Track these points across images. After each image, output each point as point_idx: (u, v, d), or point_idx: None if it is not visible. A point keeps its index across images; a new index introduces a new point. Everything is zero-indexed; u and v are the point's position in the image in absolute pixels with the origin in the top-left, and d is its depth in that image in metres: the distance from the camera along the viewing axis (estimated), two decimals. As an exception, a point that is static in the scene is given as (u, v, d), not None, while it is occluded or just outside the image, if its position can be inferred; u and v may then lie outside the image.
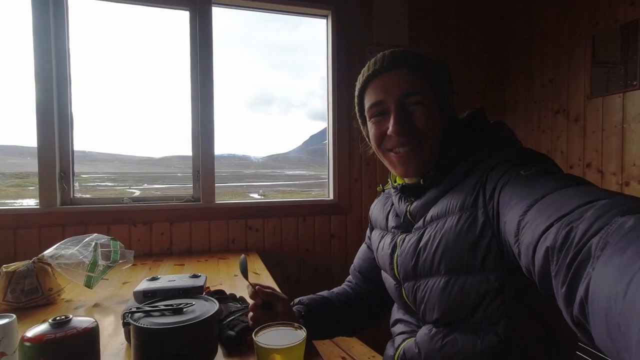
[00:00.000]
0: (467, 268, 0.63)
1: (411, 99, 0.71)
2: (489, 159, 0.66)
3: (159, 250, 1.80)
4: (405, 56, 0.73)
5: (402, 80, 0.71)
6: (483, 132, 0.72)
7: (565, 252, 0.37)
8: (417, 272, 0.71)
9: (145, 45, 1.95)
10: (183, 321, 0.66)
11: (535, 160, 0.62)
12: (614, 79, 1.74)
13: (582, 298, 0.33)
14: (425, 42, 2.20)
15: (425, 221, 0.72)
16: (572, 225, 0.38)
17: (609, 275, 0.30)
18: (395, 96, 0.71)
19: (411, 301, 0.75)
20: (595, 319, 0.31)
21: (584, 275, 0.33)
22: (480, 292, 0.62)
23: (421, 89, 0.71)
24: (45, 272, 1.08)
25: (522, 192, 0.52)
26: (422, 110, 0.71)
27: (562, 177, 0.51)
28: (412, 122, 0.71)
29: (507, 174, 0.59)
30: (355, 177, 2.11)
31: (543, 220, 0.43)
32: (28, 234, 1.65)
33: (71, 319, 0.60)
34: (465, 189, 0.66)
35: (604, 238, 0.33)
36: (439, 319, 0.68)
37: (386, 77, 0.73)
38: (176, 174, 2.16)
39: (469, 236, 0.62)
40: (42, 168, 1.67)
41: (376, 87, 0.74)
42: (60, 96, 1.72)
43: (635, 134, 1.66)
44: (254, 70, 2.22)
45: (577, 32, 1.91)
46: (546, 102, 2.10)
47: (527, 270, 0.47)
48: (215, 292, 1.01)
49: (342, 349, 1.41)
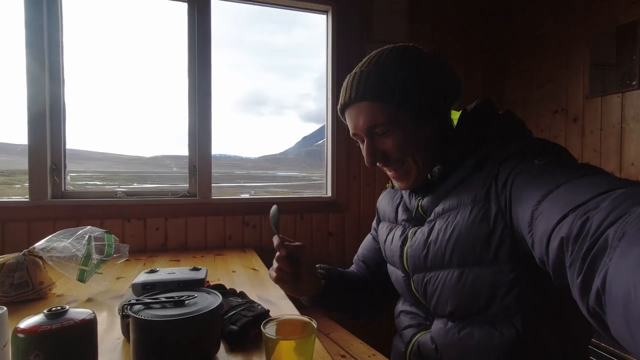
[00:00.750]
0: (481, 260, 0.62)
1: (377, 130, 0.70)
2: (500, 151, 0.65)
3: (153, 245, 1.76)
4: (366, 85, 0.69)
5: (365, 114, 0.70)
6: (491, 123, 0.71)
7: (581, 243, 0.36)
8: (427, 264, 0.70)
9: (141, 40, 1.90)
10: (186, 313, 0.63)
11: (549, 149, 0.61)
12: (612, 79, 1.75)
13: (598, 289, 0.32)
14: (425, 40, 2.19)
15: (436, 213, 0.71)
16: (588, 216, 0.37)
17: (627, 265, 0.29)
18: (362, 129, 0.71)
19: (421, 294, 0.73)
20: (612, 310, 0.30)
21: (600, 265, 0.33)
22: (494, 284, 0.61)
23: (385, 117, 0.68)
24: (36, 265, 1.04)
25: (536, 182, 0.51)
26: (390, 137, 0.70)
27: (577, 167, 0.50)
28: (384, 150, 0.72)
29: (519, 165, 0.58)
30: (353, 174, 2.09)
31: (558, 210, 0.42)
32: (17, 227, 1.59)
33: (67, 310, 0.56)
34: (477, 182, 0.65)
35: (621, 228, 0.32)
36: (453, 312, 0.66)
37: (353, 111, 0.72)
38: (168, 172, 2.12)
39: (481, 228, 0.61)
40: (33, 160, 1.62)
41: (349, 118, 0.74)
42: (52, 92, 1.67)
43: (633, 133, 1.67)
44: (247, 71, 2.19)
45: (576, 33, 1.91)
46: (545, 102, 2.11)
47: (540, 261, 0.46)
48: (215, 286, 0.97)
49: (342, 347, 1.39)
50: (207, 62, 1.86)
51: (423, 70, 0.70)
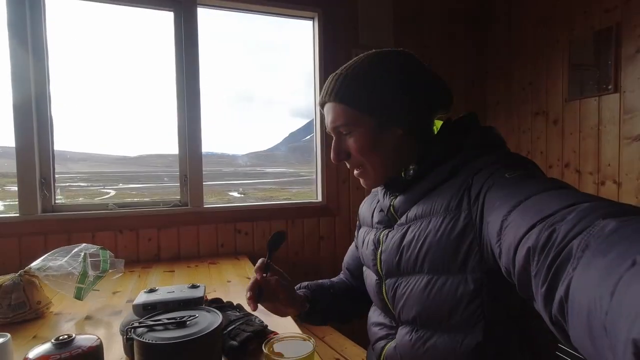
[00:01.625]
0: (448, 269, 0.64)
1: (343, 129, 0.75)
2: (475, 161, 0.67)
3: (146, 256, 1.77)
4: (336, 87, 0.74)
5: (332, 113, 0.76)
6: (470, 133, 0.73)
7: (547, 253, 0.38)
8: (400, 269, 0.72)
9: (126, 44, 1.90)
10: (188, 335, 0.66)
11: (520, 164, 0.64)
12: (590, 82, 1.82)
13: (561, 297, 0.34)
14: (410, 45, 2.23)
15: (409, 218, 0.73)
16: (554, 227, 0.39)
17: (591, 276, 0.31)
18: (330, 128, 0.78)
19: (390, 298, 0.75)
20: (574, 319, 0.32)
21: (564, 275, 0.34)
22: (458, 294, 0.63)
23: (346, 119, 0.74)
24: (33, 284, 1.05)
25: (506, 194, 0.53)
26: (352, 138, 0.75)
27: (546, 181, 0.53)
28: (347, 150, 0.76)
29: (492, 177, 0.60)
30: (343, 178, 2.13)
31: (526, 221, 0.44)
32: (7, 243, 1.58)
33: (74, 338, 0.59)
34: (451, 191, 0.66)
35: (585, 239, 0.34)
36: (416, 317, 0.68)
37: (325, 109, 0.78)
38: (155, 171, 2.11)
39: (451, 237, 0.63)
40: (22, 174, 1.61)
41: (325, 115, 0.79)
42: (38, 98, 1.65)
43: (609, 135, 1.75)
44: (236, 68, 2.19)
45: (555, 38, 1.98)
46: (526, 104, 2.18)
47: (506, 271, 0.48)
48: (213, 300, 1.00)
49: (336, 350, 1.43)
50: (194, 68, 1.86)
51: (399, 77, 0.72)
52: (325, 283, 0.98)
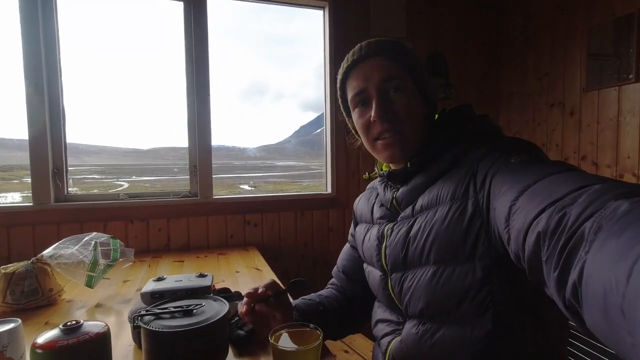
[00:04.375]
0: (456, 258, 0.63)
1: (391, 83, 0.72)
2: (477, 149, 0.66)
3: (156, 246, 1.79)
4: (382, 44, 0.74)
5: (381, 67, 0.73)
6: (468, 122, 0.74)
7: (558, 237, 0.37)
8: (406, 263, 0.71)
9: (137, 35, 1.90)
10: (194, 323, 0.66)
11: (524, 148, 0.63)
12: (609, 72, 1.76)
13: (575, 282, 0.33)
14: (423, 34, 2.19)
15: (415, 210, 0.72)
16: (565, 210, 0.38)
17: (605, 258, 0.30)
18: (375, 82, 0.73)
19: (396, 293, 0.74)
20: (589, 302, 0.31)
21: (576, 259, 0.34)
22: (466, 283, 0.62)
23: (400, 75, 0.73)
24: (45, 272, 1.07)
25: (513, 179, 0.52)
26: (402, 96, 0.72)
27: (553, 164, 0.52)
28: (393, 108, 0.72)
29: (497, 163, 0.59)
30: (352, 170, 2.11)
31: (535, 206, 0.43)
32: (22, 232, 1.62)
33: (82, 324, 0.59)
34: (456, 179, 0.66)
35: (597, 222, 0.33)
36: (424, 309, 0.67)
37: (366, 65, 0.74)
38: (168, 164, 2.13)
39: (459, 226, 0.62)
40: (35, 164, 1.63)
41: (357, 76, 0.75)
42: (50, 89, 1.67)
43: (629, 127, 1.69)
44: (247, 61, 2.19)
45: (574, 26, 1.91)
46: (542, 95, 2.12)
47: (515, 256, 0.47)
48: (221, 290, 1.00)
49: (345, 342, 1.43)
50: (204, 60, 1.86)
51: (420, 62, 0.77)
52: (314, 300, 0.90)
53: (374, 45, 0.74)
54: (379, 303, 0.85)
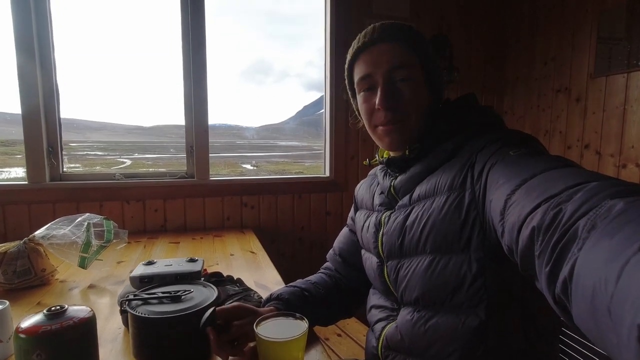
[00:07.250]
0: (452, 248, 0.63)
1: (399, 72, 0.71)
2: (477, 139, 0.66)
3: (152, 227, 1.78)
4: (396, 29, 0.72)
5: (391, 54, 0.71)
6: (471, 112, 0.73)
7: (552, 233, 0.37)
8: (402, 251, 0.71)
9: (134, 8, 1.84)
10: (182, 310, 0.65)
11: (524, 141, 0.62)
12: (619, 57, 1.70)
13: (565, 278, 0.33)
14: (427, 15, 2.12)
15: (412, 199, 0.72)
16: (560, 207, 0.38)
17: (597, 257, 0.30)
18: (383, 70, 0.71)
19: (392, 280, 0.74)
20: (577, 299, 0.31)
21: (568, 255, 0.34)
22: (461, 274, 0.62)
23: (410, 64, 0.71)
24: (37, 252, 1.06)
25: (511, 172, 0.52)
26: (409, 85, 0.71)
27: (551, 159, 0.51)
28: (399, 96, 0.71)
29: (495, 155, 0.59)
30: (351, 153, 2.08)
31: (531, 200, 0.43)
32: (18, 210, 1.61)
33: (66, 309, 0.58)
34: (454, 169, 0.65)
35: (591, 220, 0.33)
36: (419, 298, 0.68)
37: (375, 50, 0.72)
38: (169, 142, 2.12)
39: (455, 216, 0.62)
40: (29, 141, 1.61)
41: (366, 60, 0.73)
42: (43, 64, 1.63)
43: (636, 116, 1.65)
44: (251, 39, 2.13)
45: (583, 8, 1.84)
46: (547, 80, 2.06)
47: (508, 250, 0.48)
48: (213, 274, 1.00)
49: (338, 326, 1.44)
50: (201, 39, 1.80)
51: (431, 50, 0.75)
52: (299, 287, 0.86)
53: (388, 28, 0.72)
54: (374, 290, 0.86)
